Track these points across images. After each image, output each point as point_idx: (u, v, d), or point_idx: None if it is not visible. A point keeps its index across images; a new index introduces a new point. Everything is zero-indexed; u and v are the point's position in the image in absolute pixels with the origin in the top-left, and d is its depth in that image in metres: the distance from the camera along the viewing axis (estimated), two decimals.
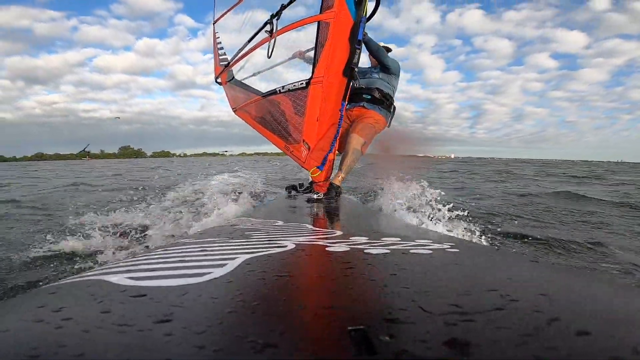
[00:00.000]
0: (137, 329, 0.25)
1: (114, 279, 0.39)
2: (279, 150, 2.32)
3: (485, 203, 3.38)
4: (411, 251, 0.52)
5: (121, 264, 0.48)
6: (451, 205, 2.07)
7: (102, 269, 0.46)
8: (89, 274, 0.44)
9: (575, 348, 0.21)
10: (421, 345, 0.22)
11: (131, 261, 0.50)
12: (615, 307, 0.30)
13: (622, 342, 0.22)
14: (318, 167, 2.00)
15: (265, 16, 2.05)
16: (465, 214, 2.02)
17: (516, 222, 2.43)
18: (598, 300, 0.33)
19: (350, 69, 1.82)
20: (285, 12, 1.94)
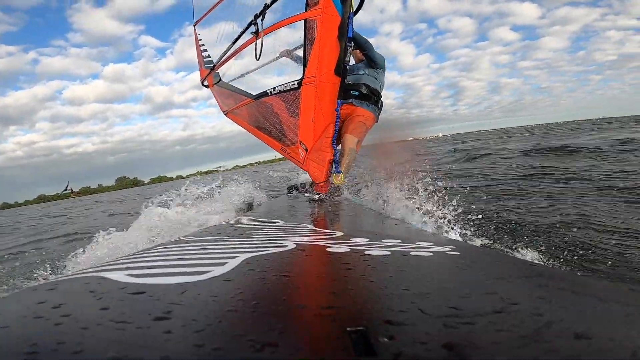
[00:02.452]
0: (136, 325, 0.25)
1: (113, 276, 0.39)
2: (272, 157, 2.29)
3: None
4: (412, 253, 0.52)
5: (120, 261, 0.48)
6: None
7: (101, 266, 0.46)
8: (88, 270, 0.44)
9: (574, 351, 0.21)
10: (420, 347, 0.22)
11: (131, 258, 0.50)
12: (614, 311, 0.30)
13: (620, 345, 0.22)
14: (337, 172, 1.97)
15: (248, 16, 1.99)
16: None
17: None
18: (597, 303, 0.32)
19: (343, 68, 1.77)
20: (268, 11, 1.88)
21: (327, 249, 0.56)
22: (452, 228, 1.78)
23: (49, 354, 0.21)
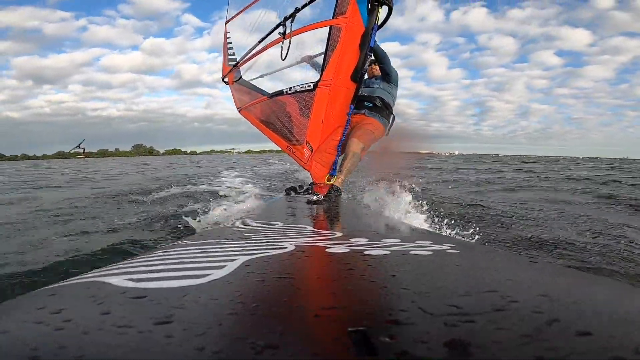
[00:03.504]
0: (137, 330, 0.25)
1: (113, 280, 0.39)
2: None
3: None
4: (411, 252, 0.52)
5: (120, 266, 0.48)
6: None
7: (101, 271, 0.45)
8: (88, 275, 0.44)
9: (575, 348, 0.21)
10: (422, 346, 0.22)
11: (130, 263, 0.50)
12: (615, 308, 0.30)
13: (622, 342, 0.22)
14: (331, 174, 2.02)
15: (277, 19, 2.11)
16: None
17: None
18: (598, 300, 0.33)
19: (360, 75, 1.85)
20: (298, 14, 1.99)
21: (327, 250, 0.56)
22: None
23: (49, 359, 0.21)
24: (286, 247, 0.57)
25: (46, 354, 0.22)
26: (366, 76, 2.53)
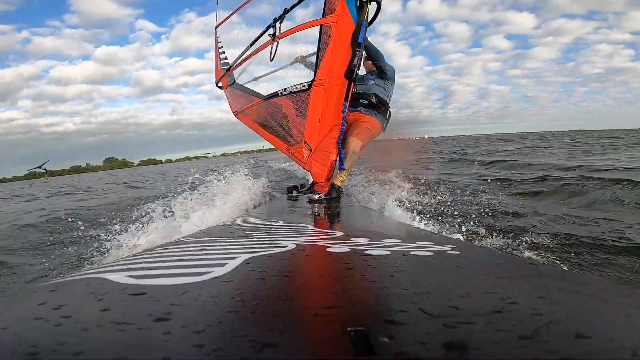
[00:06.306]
0: (136, 327, 0.25)
1: (113, 277, 0.39)
2: (261, 147, 2.40)
3: None
4: (412, 253, 0.52)
5: (121, 262, 0.48)
6: None
7: (101, 267, 0.46)
8: (88, 271, 0.44)
9: (574, 351, 0.21)
10: (420, 347, 0.22)
11: (131, 259, 0.50)
12: (614, 310, 0.30)
13: (621, 344, 0.22)
14: (340, 168, 2.03)
15: (267, 20, 2.10)
16: None
17: None
18: (597, 303, 0.32)
19: (351, 71, 1.84)
20: (287, 15, 1.98)
21: (327, 249, 0.56)
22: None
23: (49, 355, 0.21)
24: (287, 246, 0.57)
25: (45, 350, 0.22)
26: (364, 71, 2.50)
